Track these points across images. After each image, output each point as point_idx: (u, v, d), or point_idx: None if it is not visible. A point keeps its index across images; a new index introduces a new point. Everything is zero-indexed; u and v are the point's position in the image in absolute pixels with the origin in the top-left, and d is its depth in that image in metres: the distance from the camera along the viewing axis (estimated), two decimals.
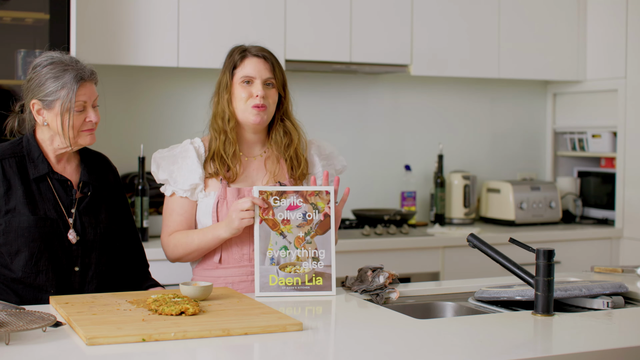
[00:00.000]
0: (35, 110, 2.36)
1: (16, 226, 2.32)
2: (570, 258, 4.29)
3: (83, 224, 2.40)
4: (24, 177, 2.37)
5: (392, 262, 3.91)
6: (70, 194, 2.41)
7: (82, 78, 2.33)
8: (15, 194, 2.35)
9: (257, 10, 3.95)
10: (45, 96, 2.33)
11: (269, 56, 2.59)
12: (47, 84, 2.32)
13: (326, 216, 2.48)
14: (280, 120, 2.64)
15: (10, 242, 2.32)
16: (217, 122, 2.59)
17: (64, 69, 2.32)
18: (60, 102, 2.32)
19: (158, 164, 2.59)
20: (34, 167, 2.38)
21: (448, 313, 2.49)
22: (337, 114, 4.53)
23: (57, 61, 2.35)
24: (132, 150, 3.99)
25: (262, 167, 2.62)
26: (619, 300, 2.38)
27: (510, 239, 2.31)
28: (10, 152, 2.39)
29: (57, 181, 2.40)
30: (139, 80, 4.12)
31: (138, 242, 2.61)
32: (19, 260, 2.32)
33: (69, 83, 2.31)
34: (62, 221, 2.38)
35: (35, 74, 2.36)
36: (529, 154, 5.03)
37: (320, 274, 2.46)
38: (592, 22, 4.67)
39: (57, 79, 2.32)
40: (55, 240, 2.35)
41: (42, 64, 2.36)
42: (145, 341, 1.86)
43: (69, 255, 2.37)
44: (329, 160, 2.73)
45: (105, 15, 3.68)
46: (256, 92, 2.54)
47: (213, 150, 2.57)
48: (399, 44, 4.25)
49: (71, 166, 2.46)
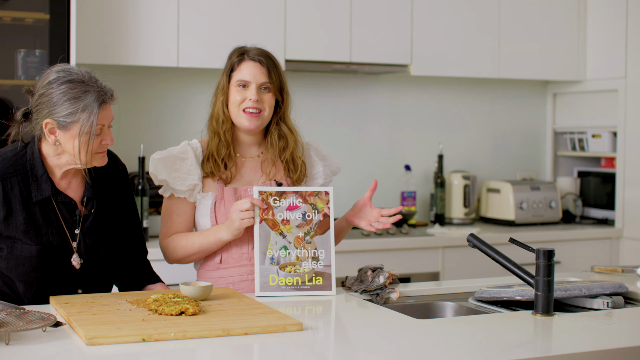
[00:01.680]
0: (48, 129, 2.21)
1: (17, 254, 2.24)
2: (570, 258, 4.29)
3: (87, 246, 2.32)
4: (26, 200, 2.25)
5: (392, 262, 3.91)
6: (73, 215, 2.31)
7: (104, 101, 2.21)
8: (16, 220, 2.24)
9: (257, 10, 3.95)
10: (63, 117, 2.18)
11: (265, 60, 2.57)
12: (65, 105, 2.17)
13: (325, 216, 2.49)
14: (277, 124, 2.64)
15: (11, 268, 2.25)
16: (212, 123, 2.60)
17: (85, 90, 2.18)
18: (79, 126, 2.18)
19: (156, 166, 2.58)
20: (37, 187, 2.25)
21: (448, 313, 2.49)
22: (337, 114, 4.53)
23: (77, 80, 2.20)
24: (132, 150, 3.99)
25: (258, 168, 2.63)
26: (619, 300, 2.38)
27: (510, 239, 2.31)
28: (12, 170, 2.25)
29: (61, 203, 2.30)
30: (139, 80, 4.12)
31: (142, 243, 2.54)
32: (20, 286, 2.28)
33: (90, 106, 2.17)
34: (66, 246, 2.29)
35: (52, 91, 2.19)
36: (529, 154, 5.03)
37: (320, 273, 2.46)
38: (592, 22, 4.67)
39: (78, 100, 2.17)
40: (58, 268, 2.29)
41: (59, 80, 2.20)
42: (145, 341, 1.86)
43: (73, 279, 2.32)
44: (326, 161, 2.73)
45: (105, 15, 3.68)
46: (249, 96, 2.54)
47: (208, 151, 2.58)
48: (399, 44, 4.25)
49: (77, 180, 2.35)
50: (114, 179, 2.45)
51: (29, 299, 2.29)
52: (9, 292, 2.30)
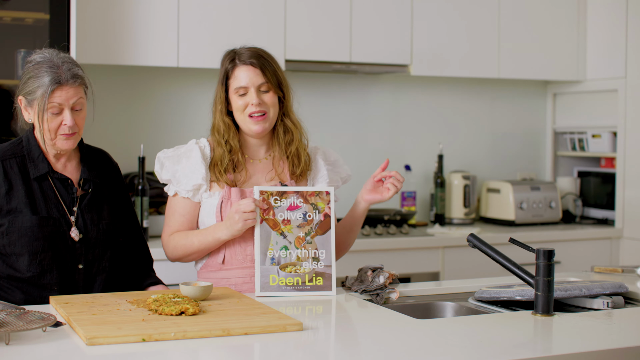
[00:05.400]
0: (22, 106, 2.39)
1: (19, 226, 2.33)
2: (570, 258, 4.29)
3: (85, 221, 2.41)
4: (25, 177, 2.38)
5: (392, 262, 3.91)
6: (71, 192, 2.42)
7: (59, 82, 2.31)
8: (16, 194, 2.35)
9: (256, 10, 3.95)
10: (27, 94, 2.35)
11: (257, 61, 2.55)
12: (29, 82, 2.34)
13: (326, 216, 2.49)
14: (281, 120, 2.63)
15: (14, 242, 2.33)
16: (215, 134, 2.60)
17: (46, 70, 2.31)
18: (37, 102, 2.32)
19: (162, 164, 2.59)
20: (34, 166, 2.39)
21: (448, 313, 2.49)
22: (337, 114, 4.53)
23: (45, 60, 2.34)
24: (132, 150, 3.99)
25: (266, 169, 2.62)
26: (619, 300, 2.38)
27: (510, 239, 2.31)
28: (10, 153, 2.40)
29: (57, 180, 2.41)
30: (139, 80, 4.12)
31: (141, 237, 2.62)
32: (23, 260, 2.33)
33: (45, 85, 2.30)
34: (65, 220, 2.38)
35: (25, 70, 2.38)
36: (529, 154, 5.03)
37: (321, 274, 2.46)
38: (592, 22, 4.67)
39: (37, 78, 2.32)
40: (58, 239, 2.36)
41: (32, 61, 2.37)
42: (145, 341, 1.86)
43: (73, 253, 2.38)
44: (334, 167, 2.71)
45: (105, 15, 3.68)
46: (251, 100, 2.54)
47: (213, 161, 2.57)
48: (399, 44, 4.25)
49: (72, 164, 2.46)
50: (108, 169, 2.54)
51: (33, 272, 2.33)
52: (12, 272, 2.34)
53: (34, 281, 2.34)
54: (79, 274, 2.39)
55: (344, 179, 2.75)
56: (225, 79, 2.58)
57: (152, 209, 3.83)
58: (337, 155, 2.76)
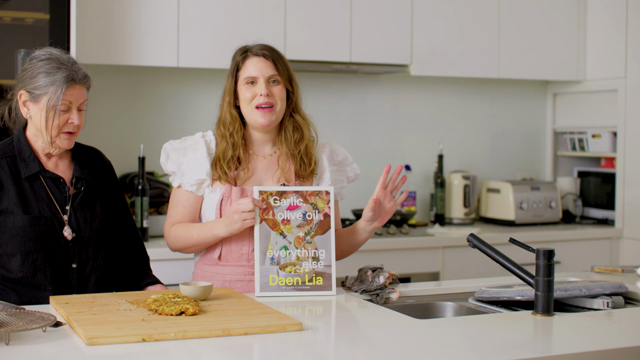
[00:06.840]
0: (22, 101, 2.37)
1: (10, 226, 2.33)
2: (570, 258, 4.29)
3: (78, 220, 2.40)
4: (16, 176, 2.38)
5: (392, 262, 3.91)
6: (63, 191, 2.41)
7: (73, 79, 2.33)
8: (7, 194, 2.35)
9: (257, 10, 3.95)
10: (34, 89, 2.33)
11: (269, 53, 2.56)
12: (38, 77, 2.33)
13: (326, 216, 2.49)
14: (290, 116, 2.63)
15: (6, 242, 2.33)
16: (220, 127, 2.59)
17: (58, 67, 2.33)
18: (47, 98, 2.32)
19: (168, 155, 2.59)
20: (25, 166, 2.39)
21: (448, 313, 2.49)
22: (337, 114, 4.53)
23: (54, 58, 2.36)
24: (132, 150, 3.99)
25: (271, 166, 2.61)
26: (619, 300, 2.38)
27: (510, 239, 2.31)
28: (1, 153, 2.40)
29: (49, 179, 2.41)
30: (139, 80, 4.12)
31: (137, 235, 2.61)
32: (16, 260, 2.32)
33: (59, 81, 2.31)
34: (57, 219, 2.38)
35: (30, 66, 2.37)
36: (529, 154, 5.03)
37: (320, 273, 2.46)
38: (592, 22, 4.67)
39: (49, 74, 2.32)
40: (50, 239, 2.35)
41: (39, 57, 2.37)
42: (145, 341, 1.86)
43: (66, 252, 2.37)
44: (341, 167, 2.69)
45: (105, 15, 3.68)
46: (259, 91, 2.53)
47: (216, 156, 2.57)
48: (399, 44, 4.25)
49: (63, 163, 2.46)
50: (100, 167, 2.54)
51: (25, 272, 2.32)
52: (5, 272, 2.34)
53: (27, 281, 2.33)
54: (72, 273, 2.38)
55: (351, 179, 2.72)
56: (236, 70, 2.58)
57: (152, 209, 3.83)
58: (345, 153, 2.72)
